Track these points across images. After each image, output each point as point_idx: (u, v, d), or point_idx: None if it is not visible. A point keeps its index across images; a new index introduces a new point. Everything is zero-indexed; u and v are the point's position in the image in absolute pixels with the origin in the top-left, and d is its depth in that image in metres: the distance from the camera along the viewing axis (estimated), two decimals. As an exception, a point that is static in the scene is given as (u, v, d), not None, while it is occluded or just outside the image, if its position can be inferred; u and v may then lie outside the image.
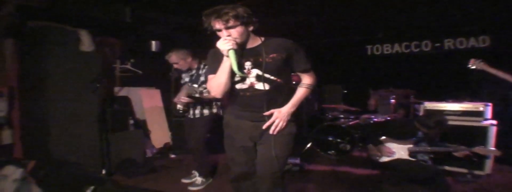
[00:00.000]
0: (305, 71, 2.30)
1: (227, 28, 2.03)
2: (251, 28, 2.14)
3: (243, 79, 2.20)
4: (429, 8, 5.06)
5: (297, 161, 4.52)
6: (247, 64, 2.19)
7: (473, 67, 4.22)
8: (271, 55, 2.16)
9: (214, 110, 3.93)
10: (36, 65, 4.10)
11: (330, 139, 5.29)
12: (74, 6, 4.15)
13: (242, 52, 2.17)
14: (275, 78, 2.18)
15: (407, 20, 5.85)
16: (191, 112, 3.93)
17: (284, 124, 2.21)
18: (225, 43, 2.00)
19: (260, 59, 2.15)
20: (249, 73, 2.18)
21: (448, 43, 6.38)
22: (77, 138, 4.21)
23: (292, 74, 2.34)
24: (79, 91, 4.24)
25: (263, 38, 2.23)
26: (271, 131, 2.20)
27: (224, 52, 2.03)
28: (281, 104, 2.22)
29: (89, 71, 4.32)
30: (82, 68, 4.28)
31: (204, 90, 3.83)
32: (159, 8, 4.72)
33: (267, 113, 2.18)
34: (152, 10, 4.79)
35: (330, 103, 6.72)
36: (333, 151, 5.26)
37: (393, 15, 5.45)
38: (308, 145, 5.57)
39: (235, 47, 2.02)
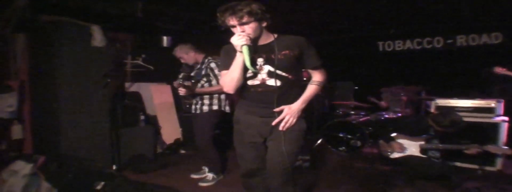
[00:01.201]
0: (315, 68, 2.31)
1: (241, 24, 2.06)
2: (264, 24, 2.17)
3: (255, 75, 2.22)
4: (442, 4, 5.00)
5: (308, 157, 4.52)
6: (259, 60, 2.21)
7: (498, 72, 4.26)
8: (283, 52, 2.18)
9: (215, 107, 3.90)
10: (47, 60, 4.12)
11: (341, 135, 5.27)
12: (86, 1, 4.16)
13: (255, 48, 2.18)
14: (286, 75, 2.19)
15: (419, 16, 5.79)
16: (193, 107, 3.95)
17: (294, 120, 2.21)
18: (239, 39, 2.03)
19: (272, 56, 2.17)
20: (261, 69, 2.21)
21: (460, 40, 6.30)
22: (87, 134, 4.22)
23: (303, 70, 2.35)
24: (90, 86, 4.26)
25: (276, 35, 2.25)
26: (281, 127, 2.21)
27: (238, 48, 2.06)
28: (292, 101, 2.23)
29: (100, 67, 4.33)
30: (93, 64, 4.29)
31: (205, 84, 3.85)
32: (171, 3, 4.72)
33: (277, 109, 2.19)
34: (164, 5, 4.79)
35: (341, 100, 6.69)
36: (343, 148, 5.25)
37: (405, 11, 5.40)
38: (319, 141, 5.56)
39: (248, 42, 2.05)
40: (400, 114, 5.36)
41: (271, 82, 2.19)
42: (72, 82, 4.13)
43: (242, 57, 2.07)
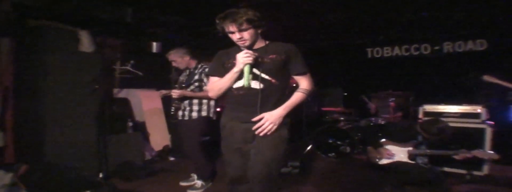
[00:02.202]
0: (300, 74, 2.31)
1: (240, 31, 2.15)
2: (259, 31, 2.26)
3: (240, 78, 2.24)
4: (429, 12, 5.08)
5: (298, 163, 4.52)
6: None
7: (487, 80, 4.29)
8: (270, 56, 2.23)
9: (204, 113, 3.88)
10: (32, 65, 4.03)
11: (330, 141, 5.29)
12: (74, 6, 4.11)
13: (238, 50, 2.24)
14: (270, 79, 2.21)
15: (407, 24, 5.87)
16: (180, 113, 3.91)
17: (274, 127, 2.19)
18: (246, 57, 2.13)
19: (260, 59, 2.21)
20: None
21: (447, 46, 6.42)
22: (73, 141, 4.12)
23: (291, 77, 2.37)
24: (77, 92, 4.18)
25: (267, 42, 2.33)
26: (257, 132, 2.20)
27: (240, 64, 2.14)
28: (273, 106, 2.22)
29: (88, 72, 4.27)
30: (81, 69, 4.22)
31: (196, 89, 3.84)
32: (161, 9, 4.70)
33: (256, 118, 2.19)
34: (153, 11, 4.77)
35: (330, 106, 6.73)
36: (333, 154, 5.27)
37: (393, 18, 5.47)
38: (309, 148, 5.57)
39: (252, 62, 2.13)
40: (388, 120, 5.40)
41: (254, 84, 2.20)
42: (59, 88, 4.04)
43: (238, 72, 2.17)
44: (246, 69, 2.13)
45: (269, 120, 2.18)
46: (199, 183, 3.98)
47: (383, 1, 4.63)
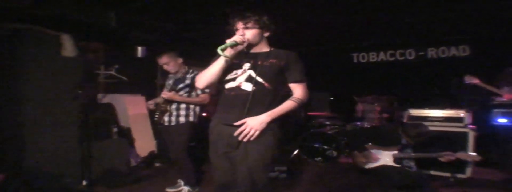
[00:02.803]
0: (296, 82, 2.27)
1: (245, 28, 2.21)
2: (266, 34, 2.31)
3: (234, 79, 2.23)
4: (414, 18, 5.17)
5: (285, 168, 4.50)
6: (246, 65, 2.25)
7: (468, 81, 4.41)
8: (270, 60, 2.23)
9: (191, 118, 3.85)
10: (12, 70, 3.92)
11: (317, 146, 5.30)
12: (56, 9, 4.04)
13: (244, 53, 2.27)
14: (264, 82, 2.18)
15: (392, 30, 5.96)
16: (166, 119, 3.86)
17: (256, 133, 2.12)
18: (238, 36, 2.15)
19: (259, 62, 2.21)
20: (243, 72, 2.23)
21: (431, 52, 6.54)
22: (55, 148, 4.03)
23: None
24: (59, 97, 4.10)
25: (272, 48, 2.35)
26: (240, 138, 2.14)
27: (228, 41, 2.12)
28: (262, 110, 2.17)
29: (71, 77, 4.19)
30: (63, 74, 4.14)
31: (184, 94, 3.82)
32: (146, 13, 4.67)
33: (239, 122, 2.14)
34: (138, 15, 4.74)
35: (316, 110, 6.74)
36: (320, 158, 5.27)
37: (378, 24, 5.55)
38: (295, 152, 5.57)
39: (240, 41, 2.13)
40: (374, 124, 5.44)
41: (246, 86, 2.18)
42: (40, 93, 3.95)
43: (224, 60, 2.14)
44: (231, 43, 2.10)
45: (250, 125, 2.11)
46: (185, 189, 3.93)
47: (369, 7, 4.69)
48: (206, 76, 2.23)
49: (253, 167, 2.14)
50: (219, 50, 2.05)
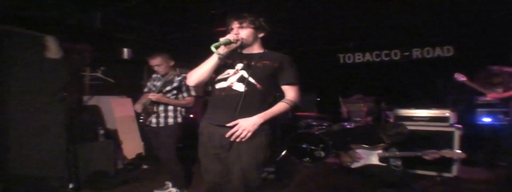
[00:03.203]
0: (289, 84, 2.27)
1: (240, 27, 2.23)
2: (261, 35, 2.33)
3: (225, 79, 2.22)
4: (399, 20, 5.24)
5: (273, 169, 4.51)
6: (239, 65, 2.24)
7: (457, 79, 4.44)
8: (264, 62, 2.23)
9: (179, 120, 3.85)
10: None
11: (305, 146, 5.32)
12: (40, 10, 3.97)
13: (237, 53, 2.30)
14: (256, 83, 2.18)
15: (377, 30, 6.02)
16: (154, 120, 3.84)
17: (249, 134, 2.11)
18: (232, 35, 2.16)
19: (253, 63, 2.22)
20: (236, 72, 2.22)
21: (416, 53, 6.62)
22: (41, 151, 3.98)
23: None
24: (44, 100, 4.05)
25: (266, 50, 2.36)
26: (231, 139, 2.14)
27: (222, 39, 2.12)
28: (253, 112, 2.16)
29: (56, 79, 4.14)
30: (48, 76, 4.09)
31: (172, 97, 3.81)
32: (132, 15, 4.64)
33: (231, 123, 2.13)
34: (124, 16, 4.70)
35: (303, 111, 6.76)
36: (307, 159, 5.29)
37: (364, 25, 5.60)
38: (283, 153, 5.58)
39: (234, 40, 2.13)
40: (360, 124, 5.49)
41: (237, 87, 2.17)
42: (24, 96, 3.90)
43: (217, 57, 2.14)
44: (225, 41, 2.10)
45: (242, 127, 2.10)
46: (173, 190, 3.93)
47: (355, 9, 4.74)
48: (197, 74, 2.22)
49: (246, 168, 2.15)
50: (212, 48, 2.03)
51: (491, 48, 5.77)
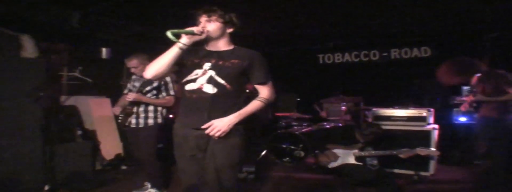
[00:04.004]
0: (261, 84, 2.25)
1: (208, 21, 2.16)
2: (229, 30, 2.26)
3: (194, 80, 2.18)
4: (377, 20, 5.32)
5: (253, 169, 4.52)
6: (207, 65, 2.19)
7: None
8: (232, 60, 2.18)
9: (160, 120, 3.82)
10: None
11: (284, 146, 5.34)
12: (16, 9, 3.89)
13: (204, 51, 2.25)
14: (225, 84, 2.15)
15: (356, 31, 6.10)
16: (134, 121, 3.79)
17: (222, 134, 2.09)
18: (196, 27, 2.10)
19: (220, 62, 2.17)
20: (204, 73, 2.18)
21: (394, 53, 6.72)
22: (16, 152, 3.87)
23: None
24: (19, 100, 3.95)
25: (235, 46, 2.29)
26: (209, 135, 2.13)
27: (186, 29, 2.07)
28: (224, 113, 2.14)
29: (31, 79, 4.05)
30: (23, 76, 3.99)
31: (152, 97, 3.77)
32: (111, 14, 4.58)
33: (205, 126, 2.10)
34: (103, 16, 4.64)
35: (283, 111, 6.79)
36: (287, 158, 5.31)
37: (343, 26, 5.67)
38: (263, 153, 5.60)
39: (197, 31, 2.08)
40: (340, 124, 5.55)
41: (207, 88, 2.14)
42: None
43: (177, 48, 2.07)
44: (187, 31, 2.04)
45: (217, 127, 2.08)
46: (152, 191, 3.88)
47: (334, 10, 4.79)
48: (156, 66, 2.13)
49: (220, 168, 2.14)
50: (169, 33, 1.93)
51: (466, 48, 5.93)
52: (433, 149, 4.14)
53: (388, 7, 4.67)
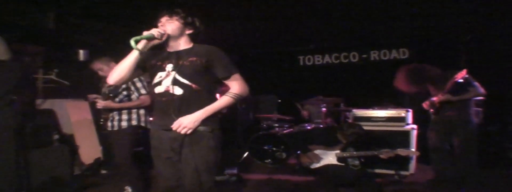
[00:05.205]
0: (226, 78, 2.22)
1: (168, 21, 2.15)
2: (188, 31, 2.22)
3: (159, 83, 2.17)
4: (356, 22, 5.39)
5: (235, 171, 4.50)
6: (169, 66, 2.17)
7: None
8: (190, 58, 2.15)
9: (134, 122, 3.72)
10: None
11: (266, 148, 5.34)
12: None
13: (164, 52, 2.23)
14: (190, 84, 2.12)
15: (336, 33, 6.17)
16: (109, 124, 3.71)
17: (189, 131, 2.08)
18: (155, 29, 2.08)
19: (180, 62, 2.14)
20: (168, 75, 2.16)
21: (373, 55, 6.84)
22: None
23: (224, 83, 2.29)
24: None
25: (194, 44, 2.26)
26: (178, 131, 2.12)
27: (145, 33, 2.05)
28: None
29: (3, 82, 3.92)
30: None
31: (125, 99, 3.70)
32: (87, 15, 4.50)
33: (173, 126, 2.09)
34: (79, 17, 4.55)
35: (265, 113, 6.78)
36: (269, 160, 5.31)
37: (323, 28, 5.72)
38: (245, 155, 5.58)
39: (158, 35, 2.06)
40: (321, 125, 5.57)
41: (174, 90, 2.12)
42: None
43: (137, 53, 2.07)
44: (147, 36, 2.04)
45: (183, 124, 2.07)
46: (132, 195, 3.81)
47: (314, 11, 4.82)
48: (117, 71, 2.14)
49: (197, 171, 2.12)
50: (132, 42, 1.98)
51: (443, 50, 6.07)
52: (413, 149, 4.21)
53: (367, 9, 4.74)
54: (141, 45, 2.07)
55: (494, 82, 5.36)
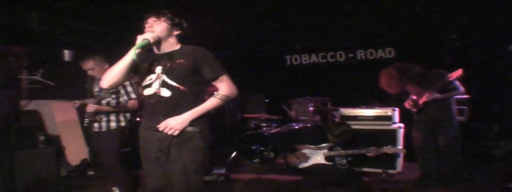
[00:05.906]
0: (214, 79, 2.22)
1: (155, 22, 2.15)
2: (176, 32, 2.23)
3: (150, 85, 2.19)
4: (343, 22, 5.43)
5: (223, 171, 4.50)
6: (158, 69, 2.19)
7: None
8: (178, 61, 2.17)
9: (123, 123, 3.72)
10: None
11: (254, 148, 5.34)
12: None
13: (153, 54, 2.25)
14: (178, 86, 2.13)
15: (323, 33, 6.20)
16: (96, 125, 3.67)
17: (176, 132, 2.10)
18: (148, 33, 2.10)
19: (169, 64, 2.16)
20: (157, 77, 2.17)
21: (360, 54, 6.90)
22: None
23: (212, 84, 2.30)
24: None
25: (181, 46, 2.27)
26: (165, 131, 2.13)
27: (138, 39, 2.06)
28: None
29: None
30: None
31: (112, 101, 3.68)
32: (72, 15, 4.44)
33: (160, 126, 2.11)
34: (64, 17, 4.49)
35: (252, 113, 6.79)
36: (257, 160, 5.32)
37: (310, 27, 5.75)
38: (233, 155, 5.58)
39: (153, 39, 2.08)
40: (309, 124, 5.60)
41: (163, 92, 2.14)
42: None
43: (131, 57, 2.07)
44: (142, 42, 2.04)
45: (170, 125, 2.09)
46: (120, 196, 3.79)
47: (301, 11, 4.84)
48: (111, 76, 2.17)
49: (185, 171, 2.13)
50: (134, 53, 2.02)
51: (428, 49, 6.15)
52: (400, 147, 4.26)
53: (354, 9, 4.77)
54: (139, 53, 2.08)
55: (479, 80, 5.50)
